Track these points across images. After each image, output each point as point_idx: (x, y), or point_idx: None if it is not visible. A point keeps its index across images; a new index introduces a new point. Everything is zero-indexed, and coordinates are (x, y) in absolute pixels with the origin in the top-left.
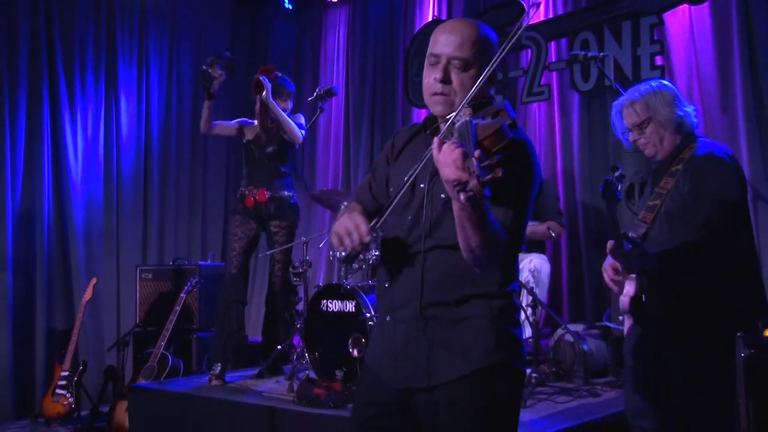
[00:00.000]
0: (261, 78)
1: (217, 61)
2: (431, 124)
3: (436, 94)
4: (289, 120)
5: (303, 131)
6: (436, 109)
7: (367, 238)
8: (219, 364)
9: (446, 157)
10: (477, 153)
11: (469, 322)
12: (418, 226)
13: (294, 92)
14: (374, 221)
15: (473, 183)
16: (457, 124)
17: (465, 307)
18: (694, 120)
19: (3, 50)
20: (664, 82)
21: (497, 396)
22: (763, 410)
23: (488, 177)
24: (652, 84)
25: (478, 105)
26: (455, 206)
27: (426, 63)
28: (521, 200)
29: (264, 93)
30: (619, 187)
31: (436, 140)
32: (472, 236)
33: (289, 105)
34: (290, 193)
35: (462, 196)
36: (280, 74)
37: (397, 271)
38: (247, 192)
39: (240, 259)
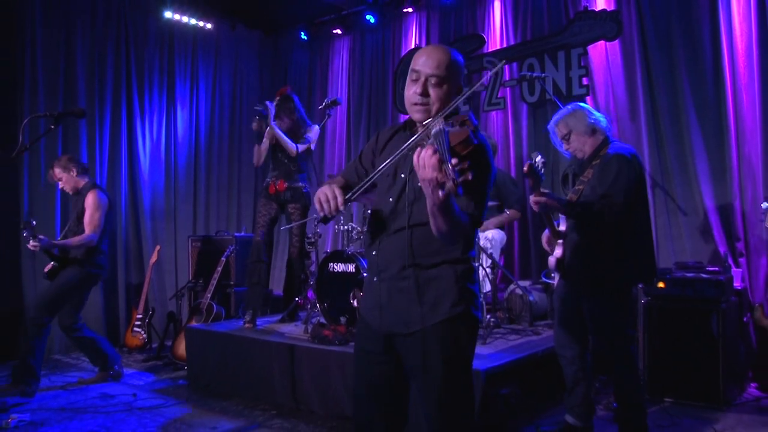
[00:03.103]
0: (268, 103)
1: (265, 120)
2: (411, 127)
3: (416, 104)
4: (284, 138)
5: (306, 144)
6: (416, 116)
7: (341, 207)
8: (251, 311)
9: (426, 162)
10: (454, 161)
11: (439, 281)
12: (400, 207)
13: (296, 107)
14: (348, 194)
15: (449, 185)
16: (433, 131)
17: (436, 270)
18: (604, 124)
19: (96, 74)
20: (579, 103)
21: (460, 338)
22: (654, 341)
23: (461, 179)
24: (569, 107)
25: (449, 115)
26: (429, 201)
27: (408, 77)
28: (481, 192)
29: (266, 120)
30: (542, 170)
31: (417, 150)
32: (441, 223)
33: (297, 116)
34: (303, 184)
35: (440, 194)
36: (287, 93)
37: (383, 241)
38: (270, 182)
39: (264, 230)
